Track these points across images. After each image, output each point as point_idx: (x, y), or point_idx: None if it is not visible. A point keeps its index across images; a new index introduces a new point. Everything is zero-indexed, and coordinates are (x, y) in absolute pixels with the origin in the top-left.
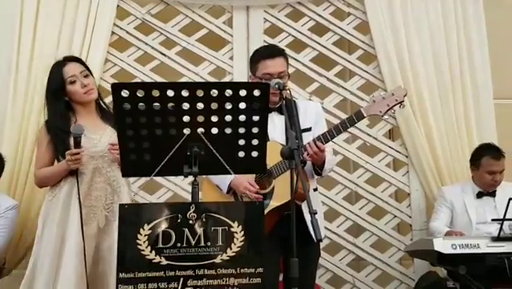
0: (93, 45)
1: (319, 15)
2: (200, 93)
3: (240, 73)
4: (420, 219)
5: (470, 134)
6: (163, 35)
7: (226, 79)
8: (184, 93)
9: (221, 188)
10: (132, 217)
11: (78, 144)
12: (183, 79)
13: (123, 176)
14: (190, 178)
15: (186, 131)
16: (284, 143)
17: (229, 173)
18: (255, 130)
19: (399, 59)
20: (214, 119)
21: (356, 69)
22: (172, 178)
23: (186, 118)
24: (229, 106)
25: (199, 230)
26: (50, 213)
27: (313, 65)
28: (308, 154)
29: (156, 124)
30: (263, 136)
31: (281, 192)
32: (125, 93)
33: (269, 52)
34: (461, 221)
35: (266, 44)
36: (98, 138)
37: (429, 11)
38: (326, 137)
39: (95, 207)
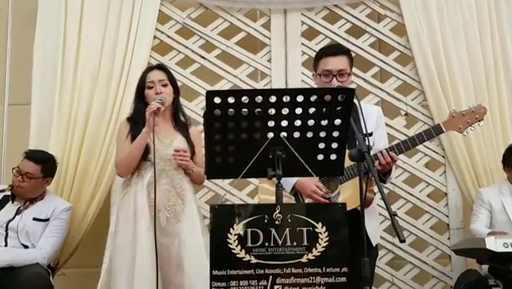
0: (136, 49)
1: (356, 17)
2: (286, 99)
3: (278, 75)
4: (457, 218)
5: (505, 133)
6: (202, 39)
7: (264, 81)
8: (272, 99)
9: (283, 187)
10: (222, 217)
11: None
12: (222, 82)
13: (208, 178)
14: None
15: (270, 135)
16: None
17: (311, 175)
18: (336, 134)
19: (435, 60)
20: (297, 123)
21: (393, 70)
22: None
23: (271, 123)
24: (312, 111)
25: (285, 230)
26: (122, 211)
27: None
28: (380, 163)
29: (242, 129)
30: (343, 140)
31: (347, 198)
32: (217, 99)
33: (331, 49)
34: (500, 221)
35: (303, 46)
36: (169, 142)
37: (464, 11)
38: (400, 148)
39: (157, 207)
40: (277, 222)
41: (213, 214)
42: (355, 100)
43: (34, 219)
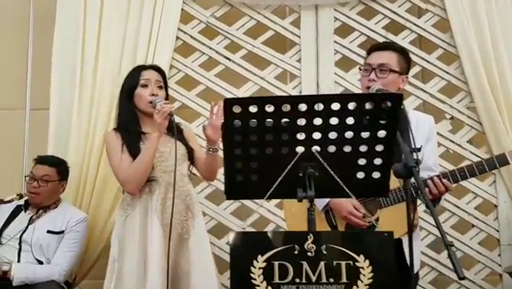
0: (158, 51)
1: (394, 12)
2: (319, 107)
3: (308, 76)
4: (509, 233)
5: None
6: (227, 39)
7: (294, 83)
8: (302, 107)
9: (315, 203)
10: (244, 246)
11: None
12: (248, 84)
13: (228, 198)
14: None
15: (299, 149)
16: None
17: (348, 196)
18: (379, 148)
19: (483, 58)
20: (333, 136)
21: (436, 70)
22: None
23: (301, 135)
24: (351, 121)
25: (320, 264)
26: (126, 234)
27: None
28: (430, 192)
29: (266, 142)
30: (388, 155)
31: (387, 225)
32: (237, 109)
33: (379, 44)
34: None
35: (336, 44)
36: (168, 151)
37: None
38: (455, 177)
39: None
40: (309, 254)
41: (234, 243)
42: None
43: (49, 232)
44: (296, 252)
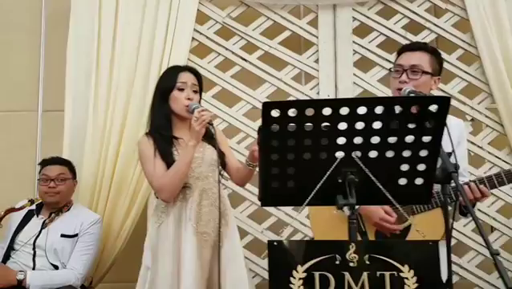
0: (174, 52)
1: (414, 12)
2: (361, 111)
3: (326, 77)
4: None
5: None
6: (244, 39)
7: (311, 84)
8: (343, 111)
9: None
10: (283, 256)
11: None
12: (265, 85)
13: (263, 205)
14: None
15: (339, 154)
16: None
17: (390, 203)
18: (423, 153)
19: (505, 59)
20: (375, 140)
21: (456, 70)
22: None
23: (341, 140)
24: (395, 125)
25: (362, 275)
26: (160, 242)
27: None
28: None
29: (305, 147)
30: (433, 161)
31: (419, 233)
32: (276, 113)
33: (410, 45)
34: None
35: (354, 44)
36: (200, 157)
37: None
38: (492, 183)
39: (207, 234)
40: (352, 264)
41: (272, 253)
42: None
43: (62, 236)
44: (337, 262)
